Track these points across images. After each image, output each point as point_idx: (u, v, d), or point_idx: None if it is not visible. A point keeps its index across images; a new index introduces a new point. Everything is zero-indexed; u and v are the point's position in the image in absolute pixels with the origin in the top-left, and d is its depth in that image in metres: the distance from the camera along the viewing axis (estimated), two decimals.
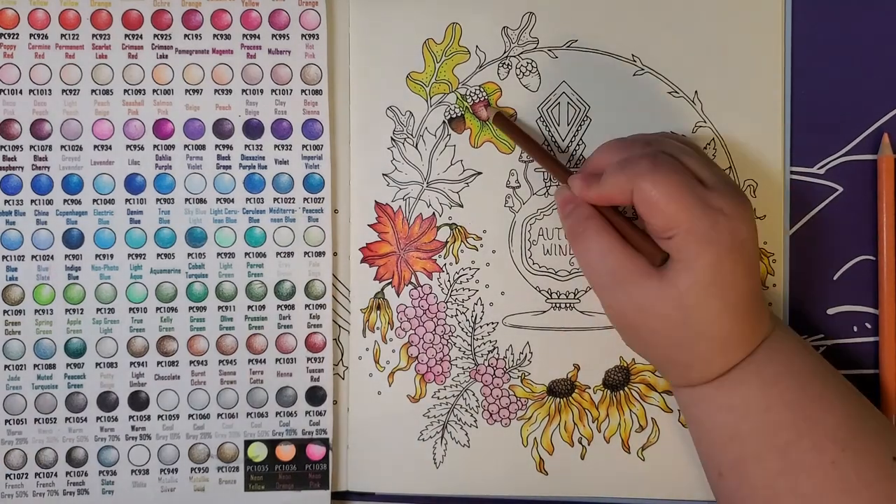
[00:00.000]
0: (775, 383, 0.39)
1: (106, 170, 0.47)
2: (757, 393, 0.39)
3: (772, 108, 0.47)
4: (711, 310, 0.38)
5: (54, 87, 0.47)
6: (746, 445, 0.39)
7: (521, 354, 0.47)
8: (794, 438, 0.38)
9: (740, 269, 0.38)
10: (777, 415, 0.39)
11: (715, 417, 0.40)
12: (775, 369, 0.39)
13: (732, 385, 0.39)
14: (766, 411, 0.39)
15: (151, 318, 0.47)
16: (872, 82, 0.47)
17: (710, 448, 0.41)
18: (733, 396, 0.39)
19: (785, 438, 0.38)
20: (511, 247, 0.47)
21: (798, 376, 0.40)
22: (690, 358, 0.40)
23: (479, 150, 0.48)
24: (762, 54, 0.47)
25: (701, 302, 0.38)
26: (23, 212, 0.46)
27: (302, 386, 0.47)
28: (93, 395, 0.47)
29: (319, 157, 0.47)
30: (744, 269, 0.39)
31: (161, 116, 0.47)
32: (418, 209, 0.48)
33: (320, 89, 0.47)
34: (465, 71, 0.47)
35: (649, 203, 0.39)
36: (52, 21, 0.47)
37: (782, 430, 0.38)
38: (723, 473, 0.40)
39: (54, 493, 0.46)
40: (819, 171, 0.47)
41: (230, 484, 0.47)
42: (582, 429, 0.47)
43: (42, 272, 0.46)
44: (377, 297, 0.48)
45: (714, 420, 0.40)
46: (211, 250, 0.47)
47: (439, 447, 0.47)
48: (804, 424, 0.38)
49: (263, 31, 0.47)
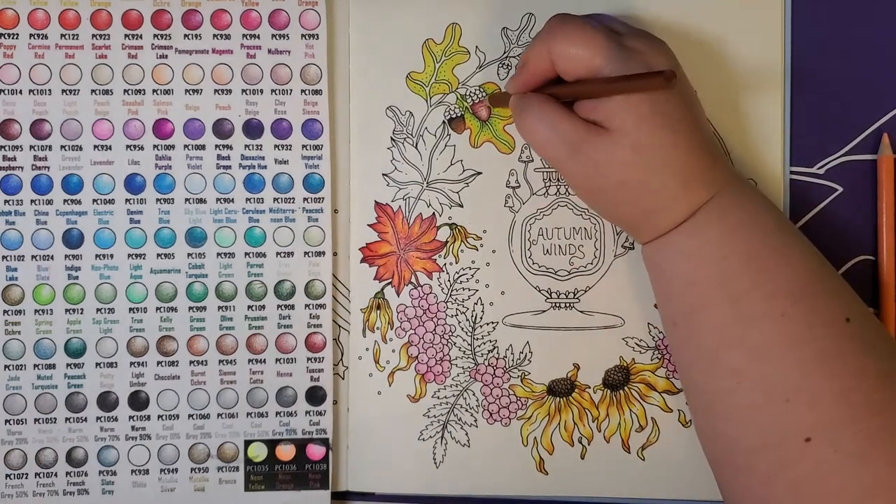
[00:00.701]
0: (736, 232, 0.40)
1: (106, 170, 0.47)
2: (717, 240, 0.40)
3: (772, 108, 0.47)
4: (665, 141, 0.39)
5: (54, 87, 0.47)
6: (701, 293, 0.40)
7: (521, 354, 0.47)
8: (748, 288, 0.39)
9: (676, 101, 0.40)
10: (733, 264, 0.39)
11: (675, 263, 0.41)
12: (737, 218, 0.40)
13: (695, 229, 0.40)
14: (723, 259, 0.39)
15: (151, 318, 0.47)
16: (872, 82, 0.47)
17: (668, 297, 0.42)
18: (693, 242, 0.40)
19: (738, 287, 0.39)
20: (511, 247, 0.47)
21: (759, 227, 0.40)
22: (657, 202, 0.40)
23: (479, 150, 0.48)
24: (762, 54, 0.47)
25: (653, 137, 0.39)
26: (23, 212, 0.46)
27: (302, 386, 0.47)
28: (93, 395, 0.47)
29: (319, 157, 0.47)
30: (680, 100, 0.40)
31: (161, 116, 0.47)
32: (418, 209, 0.48)
33: (320, 89, 0.47)
34: (464, 71, 0.47)
35: (566, 56, 0.40)
36: (52, 21, 0.47)
37: (737, 279, 0.39)
38: (677, 322, 0.41)
39: (54, 493, 0.46)
40: (819, 171, 0.47)
41: (230, 484, 0.47)
42: (582, 428, 0.47)
43: (42, 272, 0.46)
44: (377, 297, 0.48)
45: (674, 266, 0.41)
46: (211, 250, 0.47)
47: (439, 447, 0.47)
48: (759, 276, 0.39)
49: (263, 31, 0.47)
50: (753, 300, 0.38)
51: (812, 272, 0.40)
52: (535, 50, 0.42)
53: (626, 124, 0.39)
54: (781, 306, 0.38)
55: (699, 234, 0.40)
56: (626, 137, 0.39)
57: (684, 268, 0.40)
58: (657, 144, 0.39)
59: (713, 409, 0.40)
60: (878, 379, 0.37)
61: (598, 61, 0.40)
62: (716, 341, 0.39)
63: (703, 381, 0.40)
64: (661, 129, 0.39)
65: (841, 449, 0.36)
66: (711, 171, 0.40)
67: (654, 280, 0.43)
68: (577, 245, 0.47)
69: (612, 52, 0.40)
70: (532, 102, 0.42)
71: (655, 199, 0.40)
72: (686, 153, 0.39)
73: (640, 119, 0.39)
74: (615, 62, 0.39)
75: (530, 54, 0.42)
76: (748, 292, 0.39)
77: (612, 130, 0.39)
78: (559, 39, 0.41)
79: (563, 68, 0.41)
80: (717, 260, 0.39)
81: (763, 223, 0.40)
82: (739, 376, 0.38)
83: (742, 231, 0.40)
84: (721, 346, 0.39)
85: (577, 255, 0.47)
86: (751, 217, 0.40)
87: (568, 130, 0.40)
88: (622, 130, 0.39)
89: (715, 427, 0.40)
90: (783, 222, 0.42)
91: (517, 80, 0.44)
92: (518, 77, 0.44)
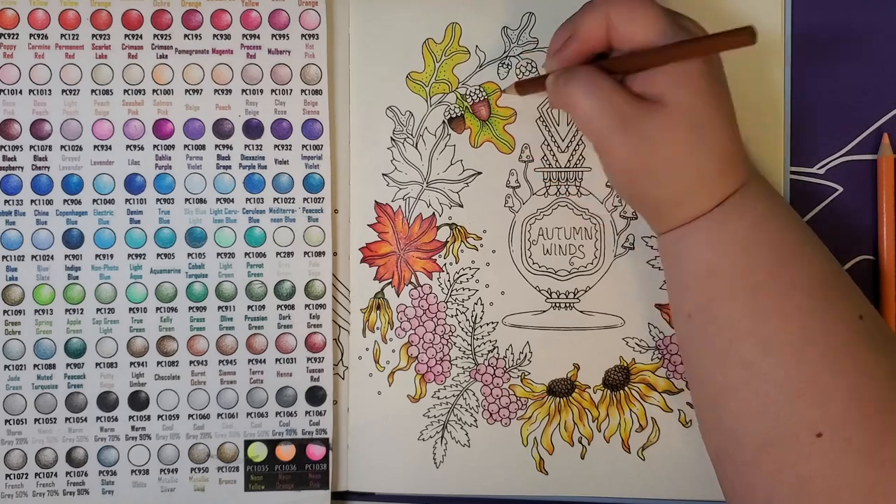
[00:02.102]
0: (760, 224, 0.39)
1: (106, 170, 0.47)
2: (742, 230, 0.39)
3: (772, 108, 0.47)
4: (718, 123, 0.39)
5: (54, 87, 0.47)
6: (721, 283, 0.39)
7: (521, 354, 0.47)
8: (767, 280, 0.38)
9: (722, 83, 0.39)
10: (756, 255, 0.39)
11: (695, 254, 0.40)
12: (762, 211, 0.40)
13: (721, 220, 0.40)
14: (746, 251, 0.39)
15: (151, 318, 0.47)
16: (872, 82, 0.47)
17: (685, 288, 0.41)
18: (720, 232, 0.40)
19: (758, 279, 0.39)
20: (511, 247, 0.47)
21: (781, 221, 0.40)
22: (697, 183, 0.39)
23: (479, 150, 0.48)
24: (762, 54, 0.47)
25: (709, 115, 0.38)
26: (23, 212, 0.46)
27: (302, 386, 0.47)
28: (93, 395, 0.47)
29: (319, 157, 0.47)
30: (723, 86, 0.40)
31: (161, 116, 0.47)
32: (418, 209, 0.48)
33: (320, 89, 0.47)
34: (464, 71, 0.47)
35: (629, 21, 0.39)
36: (52, 21, 0.47)
37: (757, 271, 0.39)
38: (692, 314, 0.41)
39: (54, 493, 0.46)
40: (819, 171, 0.47)
41: (230, 484, 0.47)
42: (582, 428, 0.47)
43: (42, 272, 0.46)
44: (377, 297, 0.48)
45: (694, 256, 0.40)
46: (211, 250, 0.47)
47: (439, 447, 0.47)
48: (778, 269, 0.39)
49: (263, 31, 0.47)
50: (771, 293, 0.38)
51: (827, 269, 0.40)
52: (589, 18, 0.40)
53: (685, 100, 0.38)
54: (798, 300, 0.38)
55: (727, 224, 0.39)
56: (684, 114, 0.38)
57: (707, 257, 0.40)
58: (711, 124, 0.38)
59: (722, 402, 0.40)
60: (888, 378, 0.37)
61: (656, 32, 0.38)
62: (730, 334, 0.39)
63: (714, 374, 0.40)
64: (716, 109, 0.38)
65: (850, 446, 0.36)
66: (744, 160, 0.40)
67: (669, 270, 0.42)
68: (578, 245, 0.47)
69: (671, 25, 0.38)
70: (580, 74, 0.39)
71: (696, 181, 0.39)
72: (730, 136, 0.39)
73: (698, 95, 0.38)
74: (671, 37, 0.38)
75: (581, 24, 0.40)
76: (767, 285, 0.38)
77: (669, 105, 0.38)
78: (621, 5, 0.39)
79: (621, 35, 0.39)
80: (742, 250, 0.39)
81: (784, 217, 0.40)
82: (752, 369, 0.38)
83: (765, 223, 0.39)
84: (735, 339, 0.39)
85: (578, 255, 0.47)
86: (773, 210, 0.40)
87: (622, 103, 0.38)
88: (680, 106, 0.38)
89: (722, 422, 0.40)
90: (796, 218, 0.41)
91: (562, 53, 0.41)
92: (563, 51, 0.41)
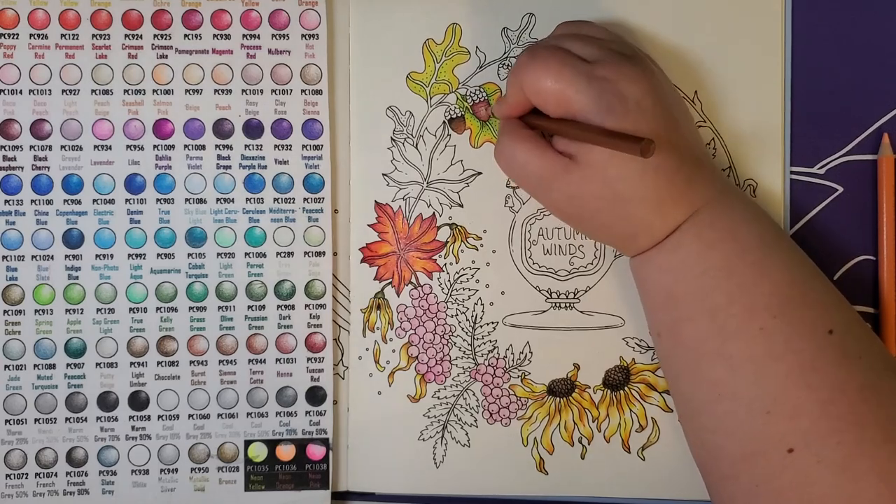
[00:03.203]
0: (714, 248, 0.40)
1: (106, 170, 0.47)
2: (694, 256, 0.40)
3: (772, 109, 0.47)
4: (632, 174, 0.39)
5: (54, 87, 0.47)
6: (681, 307, 0.40)
7: (521, 354, 0.47)
8: (725, 303, 0.39)
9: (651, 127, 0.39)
10: (711, 279, 0.40)
11: (655, 278, 0.42)
12: (716, 234, 0.40)
13: (673, 247, 0.41)
14: (702, 275, 0.40)
15: (151, 318, 0.47)
16: (872, 82, 0.47)
17: (652, 310, 0.43)
18: (672, 259, 0.41)
19: (716, 302, 0.39)
20: (511, 247, 0.47)
21: (739, 243, 0.40)
22: (633, 227, 0.41)
23: (479, 150, 0.48)
24: (762, 54, 0.47)
25: (622, 169, 0.39)
26: (23, 212, 0.46)
27: (302, 386, 0.47)
28: (93, 395, 0.47)
29: (319, 157, 0.47)
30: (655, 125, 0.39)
31: (161, 116, 0.47)
32: (418, 209, 0.48)
33: (320, 89, 0.47)
34: (465, 71, 0.47)
35: (537, 91, 0.41)
36: (52, 21, 0.47)
37: (714, 294, 0.39)
38: (661, 333, 0.42)
39: (54, 493, 0.46)
40: (819, 171, 0.47)
41: (230, 484, 0.47)
42: (582, 428, 0.47)
43: (42, 272, 0.46)
44: (377, 297, 0.48)
45: (654, 281, 0.42)
46: (211, 250, 0.47)
47: (439, 447, 0.47)
48: (736, 290, 0.39)
49: (263, 31, 0.47)
50: (731, 314, 0.39)
51: (795, 285, 0.40)
52: (510, 85, 0.42)
53: (596, 159, 0.39)
54: (759, 320, 0.38)
55: (678, 251, 0.40)
56: (597, 172, 0.40)
57: (665, 282, 0.41)
58: (626, 177, 0.39)
59: (699, 418, 0.40)
60: (860, 391, 0.37)
61: (569, 93, 0.40)
62: (697, 354, 0.40)
63: (689, 391, 0.41)
64: (630, 161, 0.39)
65: (823, 460, 0.36)
66: (688, 191, 0.40)
67: (639, 290, 0.44)
68: (578, 245, 0.47)
69: (582, 84, 0.39)
70: (509, 133, 0.43)
71: (631, 225, 0.41)
72: (655, 180, 0.39)
73: (610, 155, 0.39)
74: (586, 94, 0.39)
75: (508, 90, 0.43)
76: (726, 307, 0.39)
77: (583, 164, 0.40)
78: (529, 75, 0.41)
79: (536, 102, 0.41)
80: (696, 276, 0.40)
81: (744, 238, 0.40)
82: (721, 388, 0.39)
83: (721, 247, 0.40)
84: (702, 359, 0.40)
85: (578, 255, 0.47)
86: (731, 232, 0.40)
87: (540, 167, 0.41)
88: (592, 165, 0.40)
89: (701, 436, 0.41)
90: (769, 233, 0.41)
91: (499, 109, 0.44)
92: (500, 107, 0.44)
